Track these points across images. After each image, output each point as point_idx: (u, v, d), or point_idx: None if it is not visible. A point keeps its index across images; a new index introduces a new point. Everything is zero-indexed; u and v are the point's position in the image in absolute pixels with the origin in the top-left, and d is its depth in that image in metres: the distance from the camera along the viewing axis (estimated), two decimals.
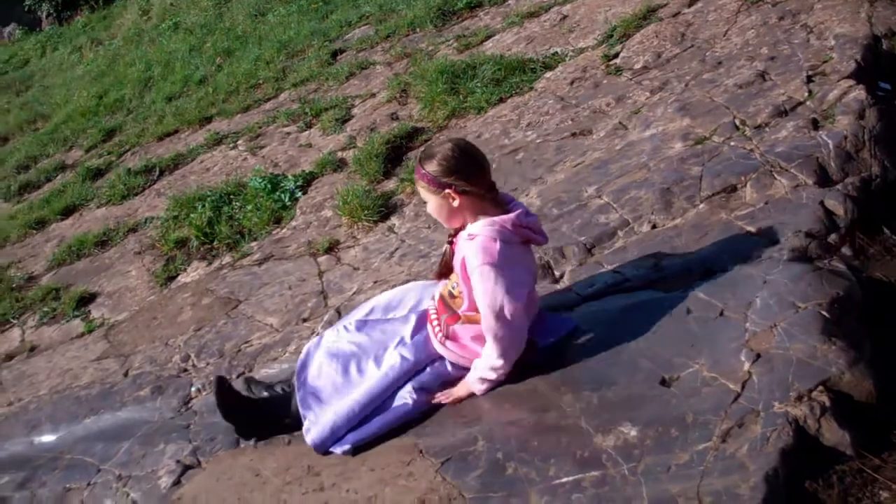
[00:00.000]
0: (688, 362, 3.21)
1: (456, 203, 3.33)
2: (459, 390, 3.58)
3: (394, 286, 4.68)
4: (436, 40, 8.64)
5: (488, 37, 8.16)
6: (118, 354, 5.36)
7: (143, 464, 4.11)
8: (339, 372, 3.67)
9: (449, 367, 3.64)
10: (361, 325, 3.81)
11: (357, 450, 3.55)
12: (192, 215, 6.69)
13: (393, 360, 3.61)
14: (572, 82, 6.50)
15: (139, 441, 4.32)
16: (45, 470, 4.41)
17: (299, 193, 6.54)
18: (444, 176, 3.29)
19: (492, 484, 3.10)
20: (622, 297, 3.87)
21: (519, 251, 3.38)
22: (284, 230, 6.19)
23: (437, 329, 3.61)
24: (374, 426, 3.57)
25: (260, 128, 8.36)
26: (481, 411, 3.52)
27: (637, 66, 6.30)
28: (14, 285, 7.13)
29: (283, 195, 6.53)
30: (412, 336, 3.67)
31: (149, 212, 7.51)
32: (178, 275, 6.19)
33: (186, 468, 3.96)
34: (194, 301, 5.62)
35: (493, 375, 3.45)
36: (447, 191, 3.30)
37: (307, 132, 7.80)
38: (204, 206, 6.71)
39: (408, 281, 4.67)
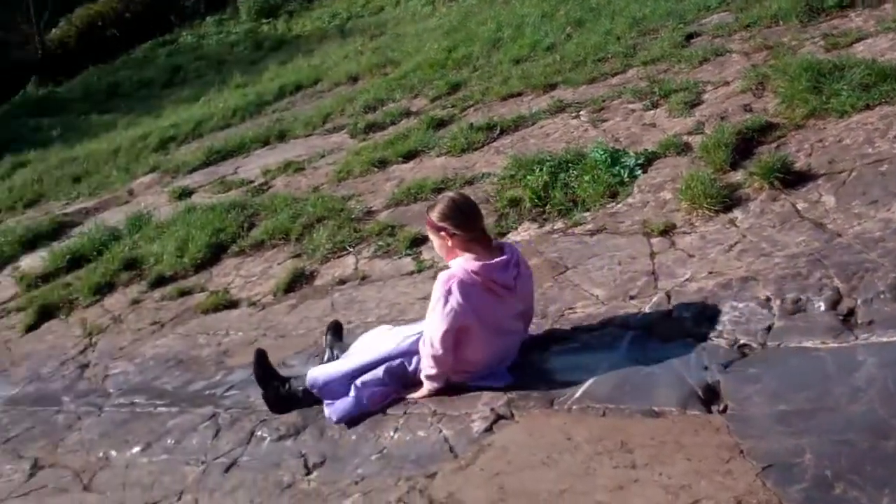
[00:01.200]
0: None
1: (450, 243, 4.38)
2: (421, 391, 4.44)
3: (730, 280, 4.57)
4: (800, 36, 8.24)
5: (859, 39, 7.67)
6: None
7: (458, 405, 4.26)
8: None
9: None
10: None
11: (342, 421, 4.43)
12: (528, 177, 6.80)
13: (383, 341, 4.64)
14: None
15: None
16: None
17: (639, 171, 6.47)
18: (440, 221, 4.36)
19: (816, 500, 2.97)
20: None
21: (475, 294, 4.22)
22: (619, 205, 6.16)
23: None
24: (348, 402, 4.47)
25: (604, 101, 8.35)
26: (811, 422, 3.39)
27: None
28: (353, 216, 7.57)
29: (622, 171, 6.49)
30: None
31: (486, 167, 7.71)
32: (508, 232, 6.32)
33: (499, 417, 4.07)
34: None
35: (428, 384, 4.41)
36: (442, 233, 4.38)
37: (652, 111, 7.70)
38: (542, 169, 6.79)
39: (747, 277, 4.55)
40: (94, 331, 7.33)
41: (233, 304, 6.90)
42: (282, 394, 4.75)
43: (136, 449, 4.97)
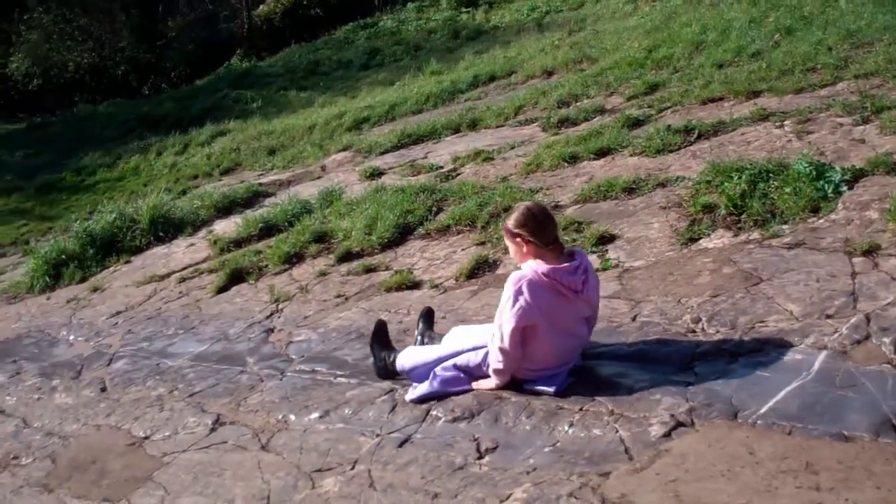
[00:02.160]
0: None
1: (524, 249, 4.61)
2: (488, 382, 4.74)
3: None
4: None
5: None
6: (629, 298, 5.49)
7: (637, 407, 4.19)
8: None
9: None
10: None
11: (416, 402, 4.86)
12: (725, 184, 6.61)
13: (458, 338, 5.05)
14: None
15: (637, 385, 4.41)
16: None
17: (844, 188, 6.19)
18: (516, 228, 4.61)
19: None
20: None
21: (544, 294, 4.47)
22: (821, 221, 5.91)
23: None
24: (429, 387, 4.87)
25: (811, 112, 8.04)
26: None
27: None
28: None
29: (826, 185, 6.22)
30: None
31: (681, 171, 7.55)
32: (700, 238, 6.16)
33: (679, 424, 3.97)
34: (714, 268, 5.58)
35: (494, 378, 4.70)
36: (518, 239, 4.63)
37: (862, 127, 7.36)
38: (740, 177, 6.60)
39: None
40: (281, 298, 7.59)
41: (415, 285, 7.01)
42: (385, 365, 5.34)
43: (315, 415, 5.10)
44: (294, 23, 31.29)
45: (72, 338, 8.45)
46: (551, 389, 4.54)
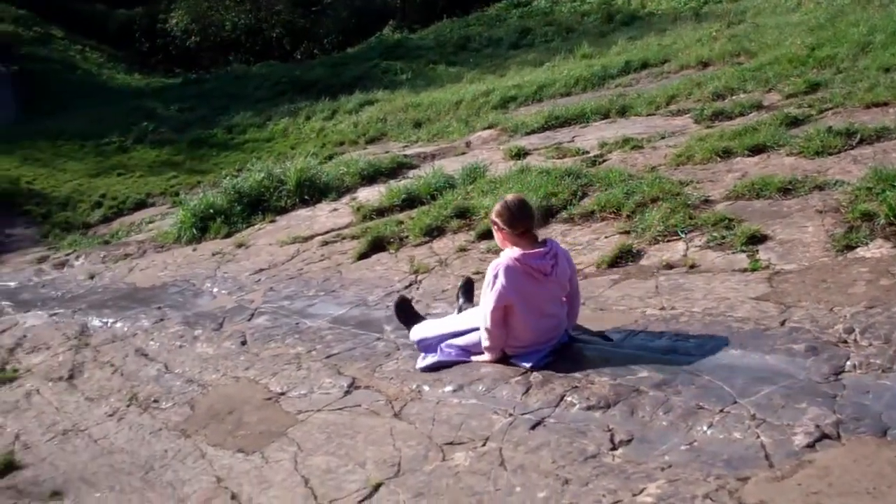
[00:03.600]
0: None
1: (501, 236, 5.29)
2: (482, 357, 5.39)
3: None
4: None
5: None
6: (778, 302, 5.33)
7: (780, 414, 4.07)
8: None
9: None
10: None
11: (425, 370, 5.50)
12: (887, 192, 6.33)
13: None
14: None
15: (781, 391, 4.28)
16: (683, 380, 4.57)
17: None
18: (495, 217, 5.26)
19: None
20: None
21: (517, 277, 5.06)
22: None
23: None
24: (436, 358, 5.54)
25: None
26: None
27: None
28: (689, 202, 7.39)
29: None
30: None
31: (840, 175, 7.28)
32: (857, 246, 5.92)
33: (824, 436, 3.84)
34: (871, 278, 5.36)
35: (487, 353, 5.35)
36: (495, 227, 5.32)
37: None
38: None
39: None
40: (420, 269, 7.66)
41: None
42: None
43: (448, 388, 5.14)
44: None
45: (215, 290, 8.73)
46: (528, 364, 5.15)
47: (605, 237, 7.34)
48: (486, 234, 7.96)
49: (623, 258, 6.81)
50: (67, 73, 33.36)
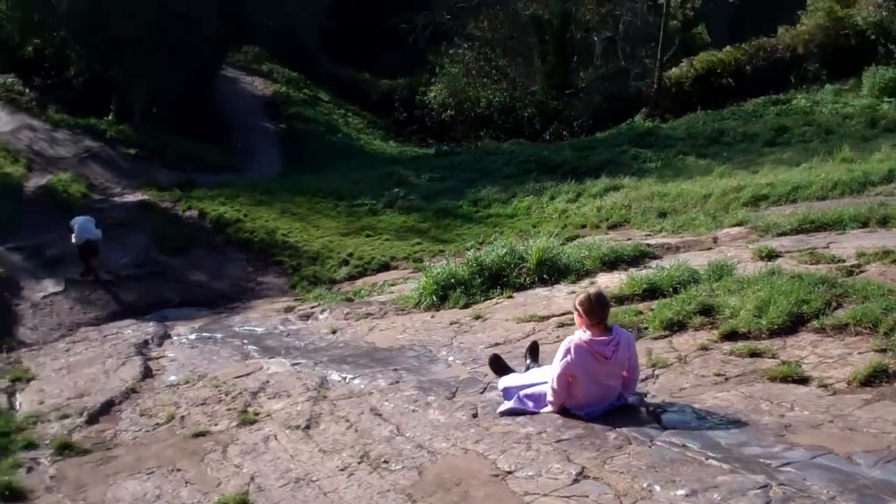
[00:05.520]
0: None
1: (579, 320, 6.49)
2: (547, 408, 6.63)
3: None
4: None
5: None
6: None
7: None
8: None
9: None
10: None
11: (504, 415, 6.78)
12: None
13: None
14: None
15: None
16: None
17: None
18: (577, 305, 6.47)
19: None
20: None
21: (584, 356, 6.32)
22: None
23: None
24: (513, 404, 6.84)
25: None
26: None
27: None
28: None
29: None
30: None
31: None
32: None
33: None
34: None
35: (550, 406, 6.60)
36: (576, 313, 6.50)
37: None
38: None
39: None
40: (658, 363, 7.52)
41: (802, 380, 6.65)
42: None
43: (681, 492, 4.99)
44: (703, 89, 31.20)
45: (450, 359, 8.91)
46: (582, 413, 6.42)
47: (859, 353, 6.96)
48: (732, 336, 7.77)
49: (877, 377, 6.43)
50: (329, 134, 35.38)
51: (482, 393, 7.46)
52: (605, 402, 6.45)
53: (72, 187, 23.36)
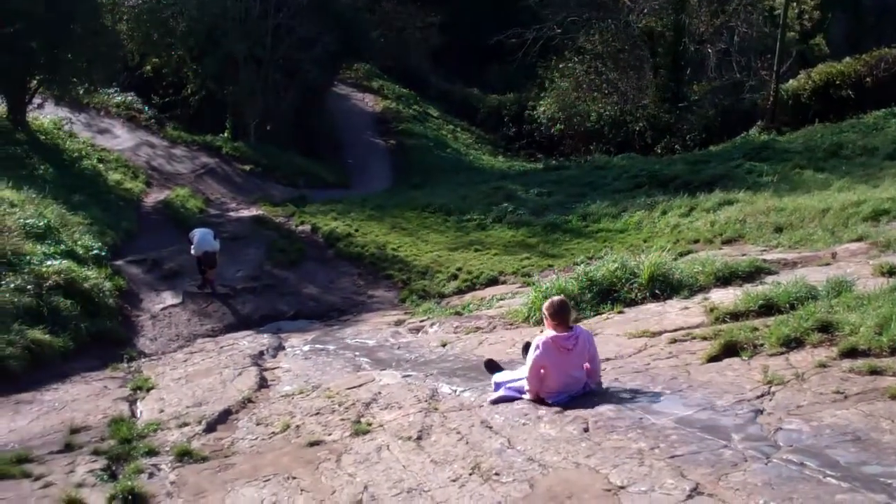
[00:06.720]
0: None
1: (545, 321, 7.90)
2: (527, 396, 7.87)
3: None
4: None
5: None
6: None
7: None
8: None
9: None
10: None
11: (492, 403, 7.98)
12: None
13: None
14: None
15: None
16: None
17: None
18: (545, 310, 7.89)
19: None
20: None
21: (549, 349, 7.57)
22: None
23: None
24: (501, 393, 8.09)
25: None
26: None
27: None
28: None
29: None
30: None
31: None
32: None
33: None
34: None
35: (528, 395, 7.82)
36: (544, 315, 7.95)
37: None
38: None
39: None
40: (774, 380, 7.34)
41: None
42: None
43: None
44: (821, 101, 30.37)
45: None
46: (551, 400, 7.58)
47: None
48: (852, 353, 7.54)
49: None
50: (439, 149, 35.68)
51: (593, 408, 7.40)
52: (573, 389, 7.69)
53: (189, 202, 24.11)
